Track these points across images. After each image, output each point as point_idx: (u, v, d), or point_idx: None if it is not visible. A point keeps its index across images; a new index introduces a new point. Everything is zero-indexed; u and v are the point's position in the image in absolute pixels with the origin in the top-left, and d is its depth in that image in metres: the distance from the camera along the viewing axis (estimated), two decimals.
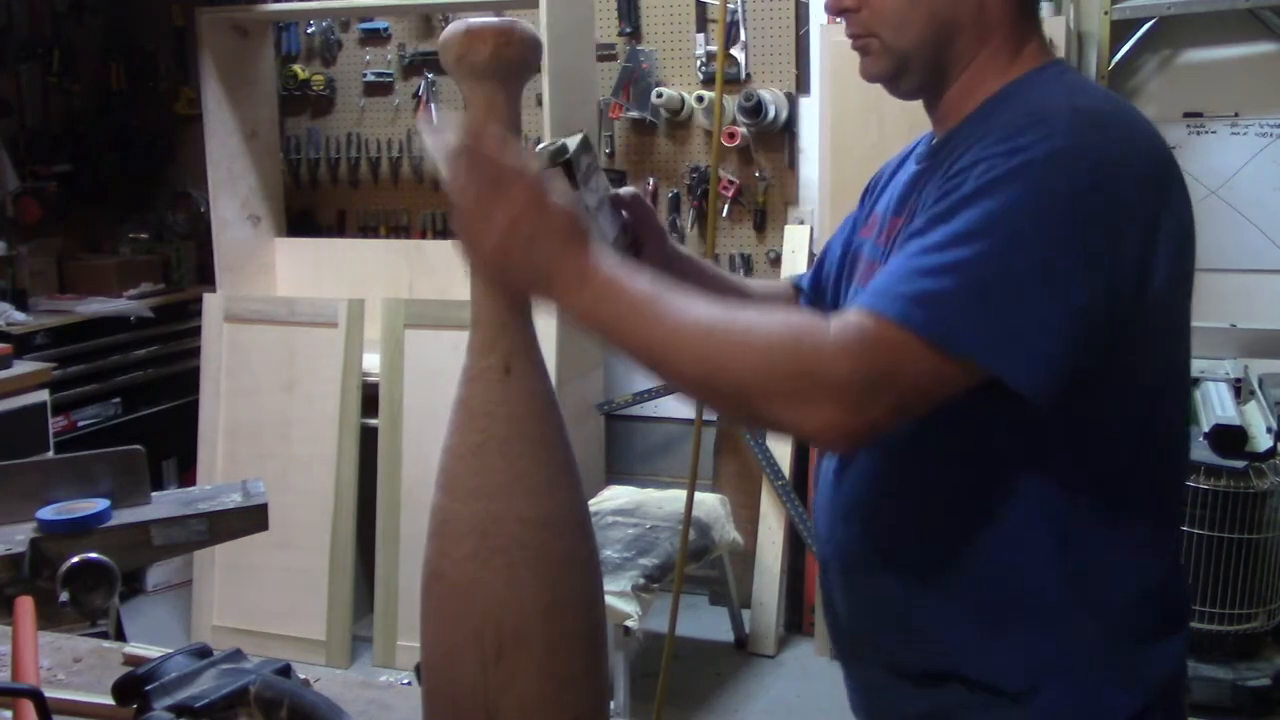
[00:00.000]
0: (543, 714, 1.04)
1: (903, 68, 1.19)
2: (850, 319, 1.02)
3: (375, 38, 4.28)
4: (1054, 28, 3.28)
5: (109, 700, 1.14)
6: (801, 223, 3.85)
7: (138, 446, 1.59)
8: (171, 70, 4.60)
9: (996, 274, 1.01)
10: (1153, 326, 1.10)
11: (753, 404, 1.03)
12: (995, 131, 1.08)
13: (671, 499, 3.47)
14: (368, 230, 4.38)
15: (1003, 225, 1.02)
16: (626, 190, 1.36)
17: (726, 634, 3.77)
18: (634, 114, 3.94)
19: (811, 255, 3.76)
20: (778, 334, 1.02)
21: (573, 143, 1.24)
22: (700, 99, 3.83)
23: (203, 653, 1.18)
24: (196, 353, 3.94)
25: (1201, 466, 3.15)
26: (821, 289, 1.44)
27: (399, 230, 4.34)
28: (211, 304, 3.90)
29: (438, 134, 1.04)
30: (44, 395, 3.50)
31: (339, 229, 4.42)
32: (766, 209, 3.91)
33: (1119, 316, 1.06)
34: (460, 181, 1.03)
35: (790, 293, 1.51)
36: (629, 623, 2.95)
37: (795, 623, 3.83)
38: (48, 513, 1.48)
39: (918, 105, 1.27)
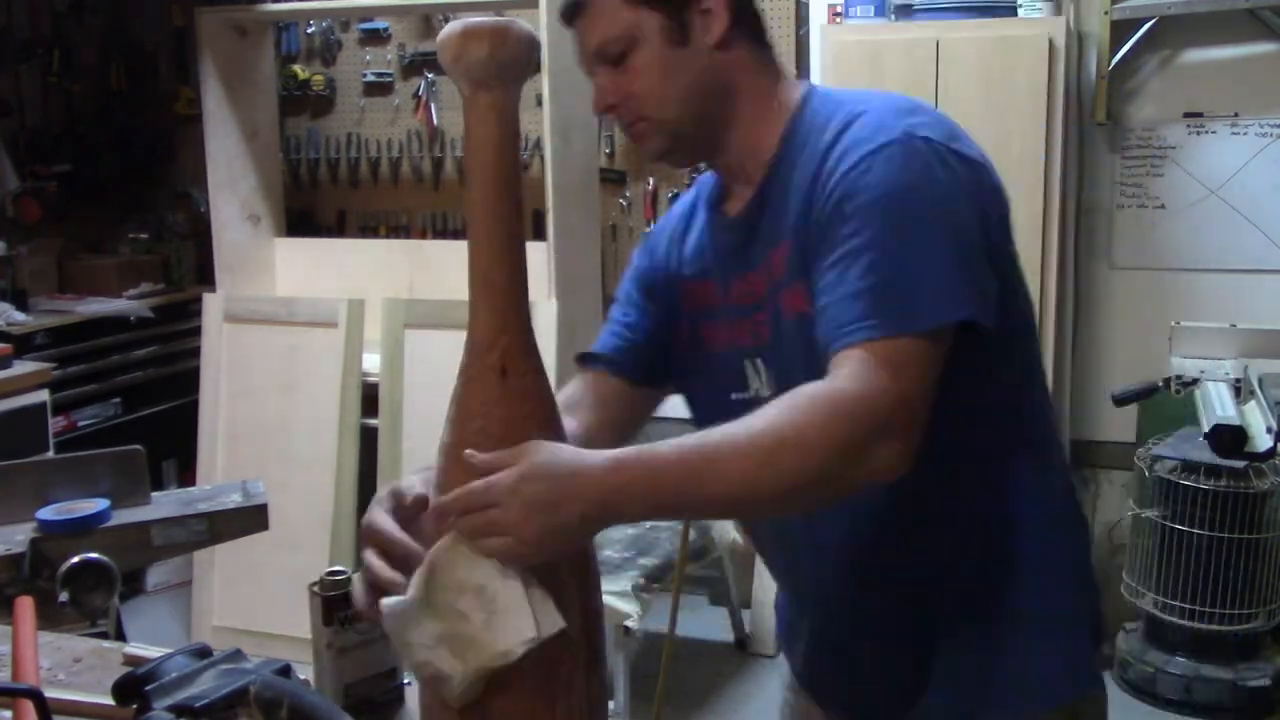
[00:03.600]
0: (537, 716, 1.04)
1: (676, 138, 1.27)
2: (854, 364, 1.09)
3: (375, 38, 4.28)
4: (1054, 28, 3.28)
5: (109, 700, 1.14)
6: None
7: (138, 446, 1.59)
8: (171, 70, 4.60)
9: (936, 257, 1.13)
10: (1003, 273, 1.22)
11: (825, 480, 1.07)
12: (829, 166, 1.18)
13: None
14: (368, 230, 4.38)
15: (907, 224, 1.14)
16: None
17: (726, 634, 3.77)
18: None
19: None
20: (812, 416, 1.06)
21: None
22: None
23: (203, 653, 1.18)
24: (196, 353, 3.94)
25: (1201, 466, 3.15)
26: (633, 360, 1.40)
27: (399, 230, 4.34)
28: (211, 304, 3.90)
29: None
30: (44, 395, 3.50)
31: (339, 229, 4.42)
32: None
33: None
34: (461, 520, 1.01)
35: (580, 387, 1.41)
36: (629, 623, 2.95)
37: None
38: (48, 513, 1.48)
39: None
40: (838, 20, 3.66)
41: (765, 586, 3.75)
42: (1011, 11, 3.38)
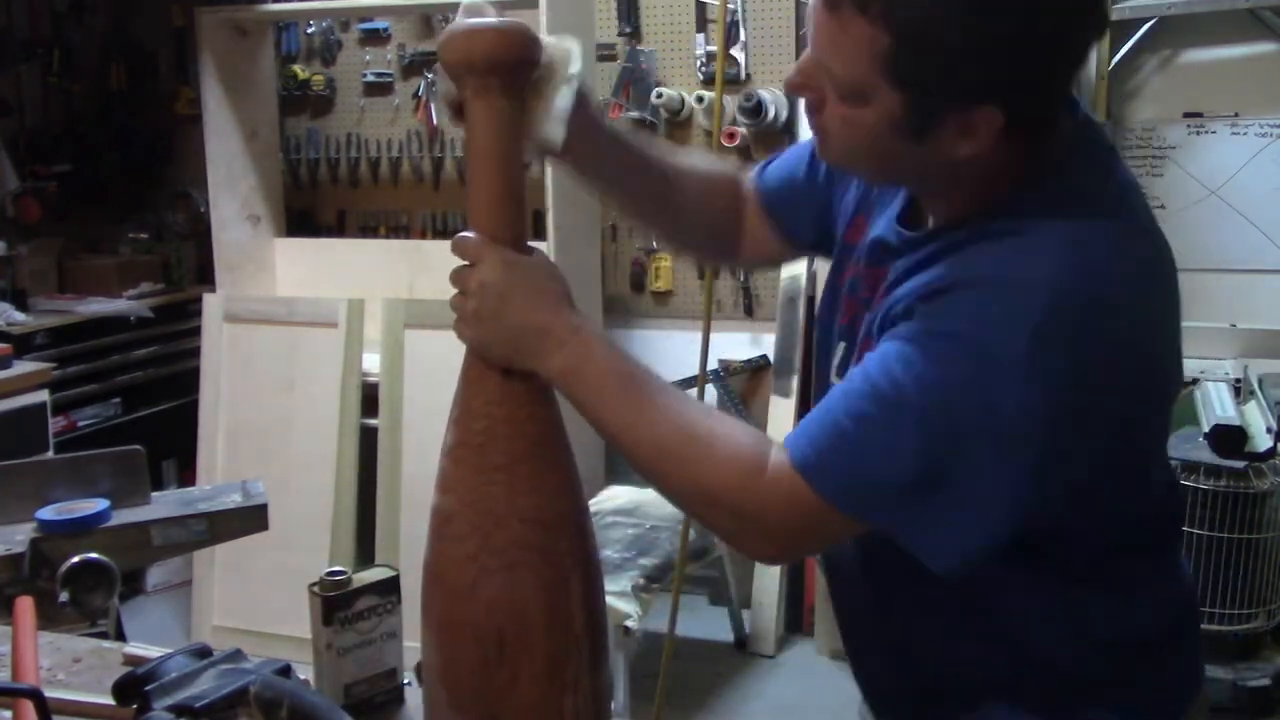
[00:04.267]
0: (543, 715, 1.04)
1: (855, 174, 1.20)
2: (785, 470, 1.03)
3: (375, 38, 4.28)
4: None
5: (109, 700, 1.14)
6: None
7: (138, 446, 1.59)
8: (171, 70, 4.60)
9: (936, 456, 0.99)
10: (1130, 450, 1.12)
11: (695, 513, 1.13)
12: (974, 284, 1.01)
13: None
14: (368, 230, 4.38)
15: (948, 409, 0.98)
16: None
17: (726, 634, 3.77)
18: (634, 114, 3.94)
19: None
20: (729, 462, 1.06)
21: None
22: (700, 99, 3.83)
23: (203, 653, 1.18)
24: (196, 353, 3.94)
25: (1201, 466, 3.15)
26: (789, 192, 1.36)
27: (399, 230, 4.34)
28: (211, 304, 3.90)
29: None
30: (44, 395, 3.49)
31: (339, 229, 4.42)
32: None
33: (1079, 474, 1.04)
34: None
35: (735, 187, 1.40)
36: (629, 623, 2.95)
37: (795, 623, 3.83)
38: (48, 513, 1.48)
39: None
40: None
41: (765, 587, 3.75)
42: None
